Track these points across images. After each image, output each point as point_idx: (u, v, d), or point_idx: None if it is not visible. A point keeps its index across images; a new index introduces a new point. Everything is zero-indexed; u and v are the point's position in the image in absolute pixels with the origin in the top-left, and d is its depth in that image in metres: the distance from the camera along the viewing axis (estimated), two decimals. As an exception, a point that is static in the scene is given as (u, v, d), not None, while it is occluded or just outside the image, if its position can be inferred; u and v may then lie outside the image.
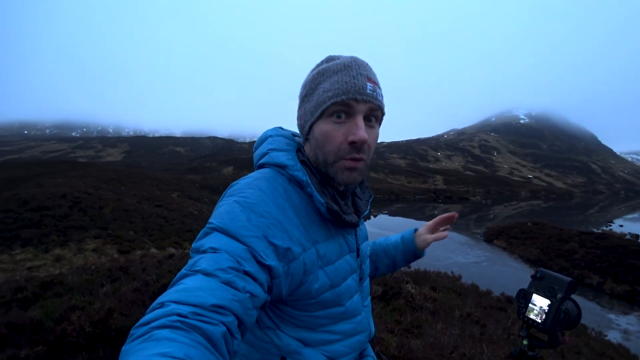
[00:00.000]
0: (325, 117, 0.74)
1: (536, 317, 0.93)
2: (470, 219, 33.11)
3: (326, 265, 0.75)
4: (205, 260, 0.58)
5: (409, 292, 4.95)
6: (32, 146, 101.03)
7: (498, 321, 5.18)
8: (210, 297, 0.52)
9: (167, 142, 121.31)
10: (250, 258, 0.61)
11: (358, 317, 0.85)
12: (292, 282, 0.70)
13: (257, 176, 0.74)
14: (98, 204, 16.25)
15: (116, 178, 26.14)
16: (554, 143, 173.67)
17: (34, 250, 10.97)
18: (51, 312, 2.74)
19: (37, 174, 24.62)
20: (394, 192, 46.64)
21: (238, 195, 0.69)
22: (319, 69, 0.77)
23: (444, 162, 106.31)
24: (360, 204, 0.90)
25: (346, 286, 0.80)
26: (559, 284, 0.93)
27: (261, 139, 0.85)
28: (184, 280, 0.55)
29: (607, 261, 14.71)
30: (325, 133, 0.74)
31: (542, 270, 0.99)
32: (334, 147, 0.73)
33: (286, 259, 0.67)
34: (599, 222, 33.59)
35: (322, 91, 0.73)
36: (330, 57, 0.78)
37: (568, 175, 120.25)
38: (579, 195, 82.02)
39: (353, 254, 0.84)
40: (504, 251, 19.14)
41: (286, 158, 0.77)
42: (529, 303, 0.96)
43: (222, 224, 0.64)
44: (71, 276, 4.97)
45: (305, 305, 0.75)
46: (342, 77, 0.72)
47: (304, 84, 0.80)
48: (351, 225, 0.80)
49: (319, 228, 0.75)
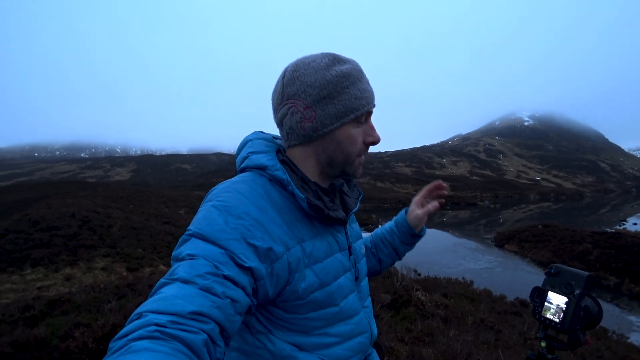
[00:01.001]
0: (352, 122, 0.76)
1: (553, 316, 0.87)
2: (480, 224, 32.69)
3: (314, 263, 0.73)
4: (182, 268, 0.57)
5: (419, 300, 4.85)
6: (43, 168, 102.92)
7: (513, 326, 5.04)
8: (188, 305, 0.51)
9: (173, 160, 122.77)
10: (229, 261, 0.59)
11: (356, 317, 0.81)
12: (278, 283, 0.68)
13: (235, 180, 0.74)
14: (107, 223, 16.39)
15: (124, 197, 26.42)
16: (560, 143, 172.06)
17: (44, 270, 11.06)
18: (57, 329, 2.72)
19: (47, 194, 24.98)
20: (400, 201, 46.37)
21: (215, 199, 0.68)
22: (341, 72, 0.75)
23: (450, 168, 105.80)
24: (348, 202, 0.89)
25: (338, 285, 0.77)
26: (576, 279, 0.87)
27: (241, 144, 0.84)
28: (162, 290, 0.54)
29: (624, 261, 14.35)
30: (352, 137, 0.77)
31: (556, 265, 0.94)
32: (356, 149, 0.78)
33: (268, 259, 0.65)
34: (611, 221, 32.93)
35: (354, 97, 0.75)
36: (337, 57, 0.77)
37: (577, 175, 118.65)
38: (589, 195, 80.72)
39: (345, 252, 0.82)
40: (516, 255, 18.81)
41: (266, 159, 0.76)
42: (544, 301, 0.90)
43: (199, 230, 0.63)
44: (79, 294, 4.98)
45: (295, 307, 0.72)
46: (365, 85, 0.77)
47: (322, 83, 0.74)
48: (338, 222, 0.78)
49: (304, 226, 0.74)
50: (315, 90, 0.74)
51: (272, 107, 0.82)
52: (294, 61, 0.79)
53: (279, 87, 0.78)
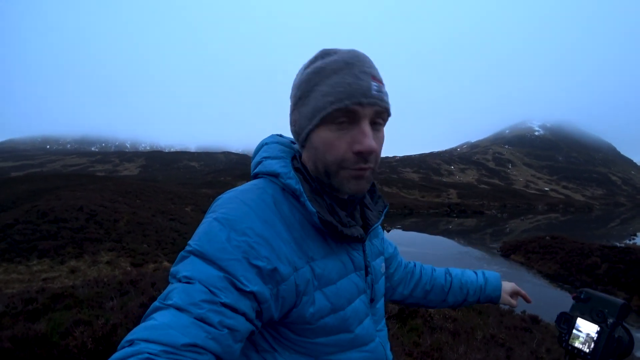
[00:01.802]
0: (325, 124, 0.64)
1: (582, 346, 0.80)
2: (486, 233, 32.32)
3: (325, 285, 0.66)
4: (177, 293, 0.53)
5: (427, 311, 4.76)
6: (54, 160, 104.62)
7: (524, 343, 4.93)
8: (181, 336, 0.48)
9: (182, 157, 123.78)
10: (228, 286, 0.55)
11: (371, 344, 0.74)
12: (284, 305, 0.62)
13: (243, 188, 0.68)
14: (113, 217, 16.55)
15: (132, 192, 26.69)
16: (571, 154, 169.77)
17: (50, 262, 11.18)
18: (58, 325, 2.72)
19: (57, 186, 25.35)
20: (407, 207, 46.10)
21: (219, 211, 0.62)
22: (315, 67, 0.66)
23: (458, 175, 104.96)
24: (370, 216, 0.80)
25: (354, 309, 0.70)
26: (610, 307, 0.80)
27: (257, 147, 0.78)
28: (155, 315, 0.51)
29: (633, 276, 14.03)
30: (326, 142, 0.65)
31: (587, 290, 0.87)
32: (337, 158, 0.64)
33: (273, 280, 0.59)
34: (621, 235, 32.30)
35: (321, 95, 0.64)
36: (325, 51, 0.68)
37: (587, 187, 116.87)
38: (599, 207, 79.37)
39: (360, 273, 0.74)
40: (522, 266, 18.53)
41: (279, 166, 0.69)
42: (572, 329, 0.83)
43: (199, 247, 0.58)
44: (82, 289, 5.00)
45: (303, 330, 0.66)
46: (344, 77, 0.63)
47: (297, 83, 0.69)
48: (355, 240, 0.69)
49: (315, 243, 0.67)
50: (294, 92, 0.70)
51: None
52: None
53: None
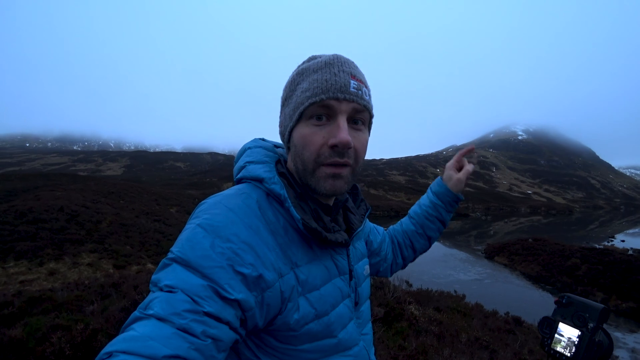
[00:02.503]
0: (304, 120, 0.66)
1: (564, 350, 0.83)
2: (471, 235, 32.84)
3: (309, 292, 0.66)
4: (159, 302, 0.51)
5: (413, 314, 4.77)
6: (33, 159, 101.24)
7: (507, 345, 5.00)
8: (163, 348, 0.47)
9: (167, 157, 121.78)
10: (211, 295, 0.53)
11: (355, 348, 0.74)
12: (268, 312, 0.61)
13: (227, 193, 0.66)
14: (96, 218, 16.11)
15: (115, 192, 26.06)
16: (552, 158, 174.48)
17: (27, 264, 10.78)
18: (35, 330, 2.60)
19: (36, 186, 24.54)
20: (393, 209, 46.49)
21: (203, 217, 0.61)
22: (299, 69, 0.70)
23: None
24: (353, 220, 0.81)
25: (337, 314, 0.70)
26: (590, 312, 0.82)
27: (240, 152, 0.78)
28: (135, 326, 0.50)
29: (611, 277, 14.47)
30: (303, 137, 0.65)
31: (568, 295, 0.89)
32: (313, 152, 0.65)
33: (258, 288, 0.58)
34: (600, 237, 33.32)
35: (301, 92, 0.66)
36: (312, 56, 0.72)
37: (567, 191, 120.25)
38: (579, 210, 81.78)
39: (344, 277, 0.74)
40: (506, 268, 18.87)
41: (263, 170, 0.69)
42: (555, 333, 0.86)
43: (182, 254, 0.56)
44: (61, 292, 4.83)
45: (287, 337, 0.65)
46: (323, 74, 0.65)
47: (284, 86, 0.73)
48: (339, 245, 0.69)
49: (300, 249, 0.66)
50: (283, 94, 0.73)
51: None
52: None
53: None
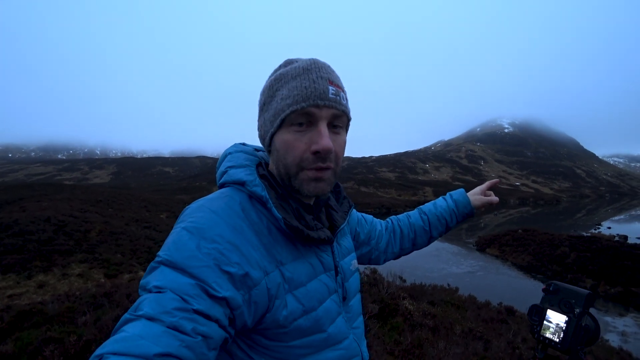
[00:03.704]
0: (285, 127, 0.68)
1: (553, 336, 0.85)
2: (462, 228, 33.23)
3: (295, 288, 0.68)
4: (148, 303, 0.52)
5: (407, 309, 4.82)
6: (16, 169, 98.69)
7: (501, 334, 5.09)
8: (154, 346, 0.47)
9: (155, 163, 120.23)
10: (200, 293, 0.54)
11: (345, 342, 0.76)
12: (257, 311, 0.62)
13: (211, 197, 0.69)
14: (84, 227, 15.81)
15: (103, 200, 25.61)
16: (538, 150, 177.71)
17: (15, 277, 10.53)
18: (27, 344, 2.54)
19: (21, 197, 23.96)
20: (384, 206, 46.75)
21: (187, 220, 0.63)
22: (277, 74, 0.71)
23: (433, 173, 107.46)
24: (336, 217, 0.84)
25: (325, 309, 0.72)
26: (576, 298, 0.85)
27: (221, 157, 0.80)
28: (126, 327, 0.50)
29: (599, 264, 14.83)
30: (286, 143, 0.68)
31: (555, 283, 0.92)
32: (296, 158, 0.68)
33: (245, 286, 0.60)
34: (587, 225, 34.09)
35: (281, 98, 0.68)
36: (288, 60, 0.73)
37: (554, 181, 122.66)
38: (566, 200, 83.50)
39: (330, 273, 0.77)
40: (497, 259, 19.19)
41: (244, 174, 0.72)
42: (543, 320, 0.88)
43: (168, 256, 0.57)
44: (52, 304, 4.72)
45: (277, 335, 0.66)
46: (302, 82, 0.67)
47: (261, 91, 0.74)
48: (322, 242, 0.72)
49: (284, 248, 0.69)
50: (260, 99, 0.74)
51: None
52: None
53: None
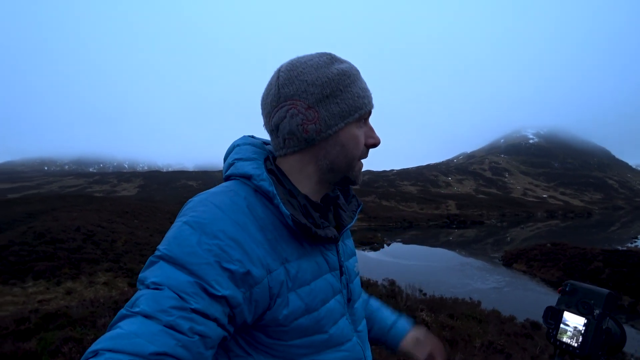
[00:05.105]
0: (354, 122, 0.72)
1: (571, 340, 0.77)
2: (487, 243, 32.14)
3: (299, 287, 0.66)
4: (145, 299, 0.52)
5: (424, 320, 4.69)
6: (51, 181, 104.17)
7: (525, 349, 4.84)
8: (149, 345, 0.47)
9: (179, 177, 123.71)
10: (198, 292, 0.53)
11: (348, 344, 0.73)
12: (257, 309, 0.61)
13: (214, 191, 0.67)
14: (111, 237, 16.41)
15: (130, 212, 26.55)
16: (566, 160, 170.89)
17: (45, 283, 11.00)
18: (49, 343, 2.65)
19: (54, 207, 25.19)
20: (406, 220, 45.86)
21: (189, 214, 0.61)
22: (342, 69, 0.70)
23: (456, 186, 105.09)
24: (344, 216, 0.81)
25: (328, 309, 0.70)
26: (595, 298, 0.78)
27: (229, 149, 0.77)
28: (122, 324, 0.50)
29: (637, 280, 13.92)
30: (356, 138, 0.72)
31: (572, 282, 0.85)
32: (359, 151, 0.73)
33: (246, 284, 0.58)
34: (622, 239, 32.21)
35: (356, 96, 0.71)
36: (335, 56, 0.73)
37: (584, 193, 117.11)
38: (598, 212, 79.33)
39: (335, 272, 0.74)
40: (525, 275, 18.35)
41: (251, 167, 0.69)
42: (560, 323, 0.80)
43: (168, 251, 0.56)
44: (76, 308, 4.91)
45: (277, 333, 0.65)
46: (364, 84, 0.74)
47: (324, 81, 0.68)
48: (329, 241, 0.70)
49: (289, 245, 0.66)
50: (317, 89, 0.68)
51: (262, 112, 0.74)
52: (288, 61, 0.72)
53: (274, 89, 0.70)
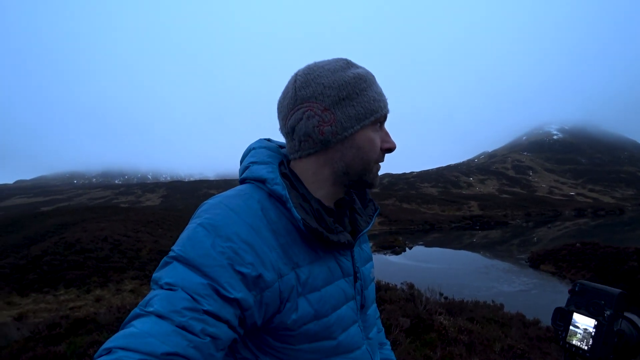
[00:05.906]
0: (370, 126, 0.72)
1: (581, 343, 0.73)
2: (513, 244, 31.08)
3: (309, 292, 0.65)
4: (159, 300, 0.52)
5: (442, 324, 4.60)
6: (80, 194, 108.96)
7: (547, 354, 4.69)
8: (161, 345, 0.48)
9: (201, 186, 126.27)
10: (211, 293, 0.54)
11: (357, 351, 0.73)
12: (267, 312, 0.62)
13: (229, 194, 0.68)
14: (136, 246, 16.97)
15: (154, 221, 27.34)
16: (594, 156, 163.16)
17: (76, 291, 11.52)
18: (77, 347, 2.81)
19: (83, 219, 26.29)
20: (428, 222, 44.87)
21: (204, 217, 0.62)
22: (358, 73, 0.72)
23: (478, 187, 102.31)
24: (360, 221, 0.80)
25: (338, 316, 0.69)
26: (606, 298, 0.73)
27: (245, 152, 0.78)
28: (135, 322, 0.51)
29: (675, 282, 13.14)
30: (372, 141, 0.72)
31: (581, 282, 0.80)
32: (375, 154, 0.73)
33: (258, 287, 0.59)
34: (660, 237, 30.41)
35: (372, 99, 0.71)
36: (350, 61, 0.75)
37: (615, 189, 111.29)
38: (632, 208, 75.10)
39: (349, 278, 0.73)
40: (554, 276, 17.63)
41: (266, 171, 0.69)
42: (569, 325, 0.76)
43: (183, 252, 0.57)
44: (104, 314, 5.15)
45: (285, 337, 0.65)
46: (380, 89, 0.74)
47: (340, 84, 0.70)
48: (342, 246, 0.69)
49: (302, 249, 0.67)
50: (333, 92, 0.69)
51: (279, 116, 0.75)
52: (305, 66, 0.74)
53: (291, 92, 0.71)
